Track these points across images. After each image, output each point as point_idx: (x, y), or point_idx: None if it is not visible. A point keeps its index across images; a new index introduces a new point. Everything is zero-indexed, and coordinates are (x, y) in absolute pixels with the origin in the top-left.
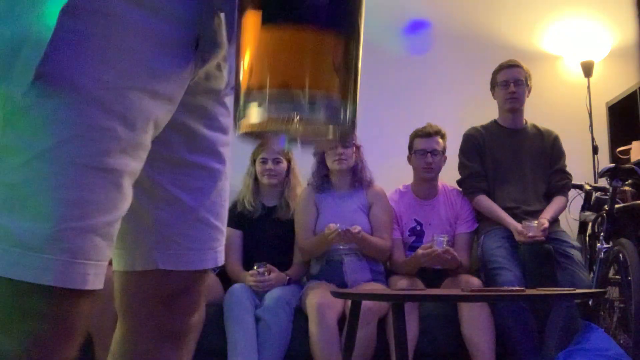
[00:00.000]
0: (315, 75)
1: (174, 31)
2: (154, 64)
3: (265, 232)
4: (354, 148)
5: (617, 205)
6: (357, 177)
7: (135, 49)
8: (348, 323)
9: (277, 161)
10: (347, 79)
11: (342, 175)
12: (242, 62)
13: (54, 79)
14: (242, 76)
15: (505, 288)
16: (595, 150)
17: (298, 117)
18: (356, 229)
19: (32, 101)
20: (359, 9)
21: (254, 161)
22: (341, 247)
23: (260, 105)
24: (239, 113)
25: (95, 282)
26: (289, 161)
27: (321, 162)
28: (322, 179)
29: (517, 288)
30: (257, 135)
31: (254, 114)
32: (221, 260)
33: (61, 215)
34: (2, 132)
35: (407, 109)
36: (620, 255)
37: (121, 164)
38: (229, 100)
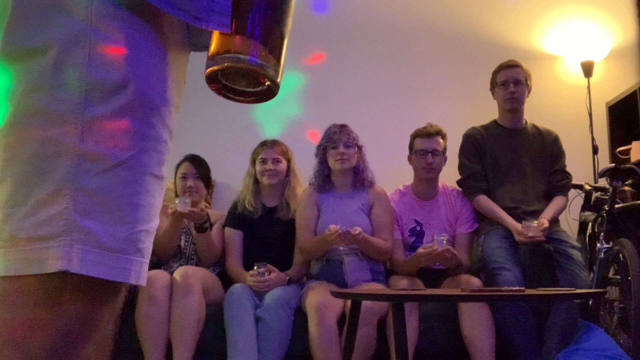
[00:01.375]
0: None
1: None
2: (180, 81)
3: (265, 232)
4: (356, 148)
5: (617, 205)
6: (359, 178)
7: (175, 69)
8: (348, 323)
9: (276, 161)
10: (266, 44)
11: (344, 175)
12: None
13: (133, 94)
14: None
15: (505, 288)
16: (595, 150)
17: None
18: (356, 230)
19: (112, 112)
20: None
21: (253, 161)
22: (341, 248)
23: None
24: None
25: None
26: (288, 161)
27: (323, 162)
28: (324, 179)
29: (517, 288)
30: (212, 78)
31: (211, 65)
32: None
33: (136, 219)
34: (81, 139)
35: (407, 109)
36: (620, 255)
37: (165, 172)
38: None
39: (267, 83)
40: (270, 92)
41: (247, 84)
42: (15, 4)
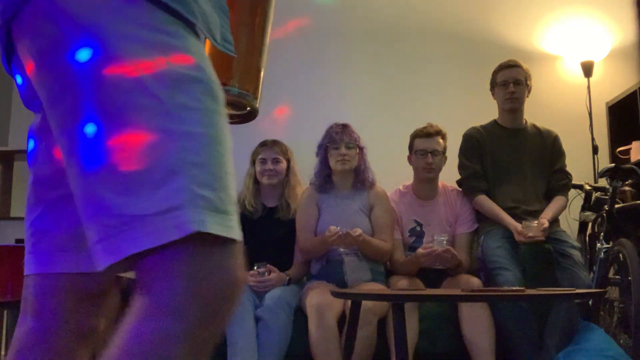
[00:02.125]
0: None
1: None
2: None
3: (265, 232)
4: (358, 149)
5: (617, 205)
6: (360, 179)
7: None
8: (348, 323)
9: (276, 161)
10: (246, 78)
11: (345, 176)
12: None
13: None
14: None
15: (505, 288)
16: (595, 150)
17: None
18: (357, 232)
19: (202, 99)
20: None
21: (253, 162)
22: (341, 249)
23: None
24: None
25: None
26: (288, 161)
27: (324, 162)
28: (325, 178)
29: (517, 288)
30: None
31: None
32: None
33: (231, 185)
34: (181, 120)
35: (407, 109)
36: (620, 255)
37: None
38: None
39: (248, 108)
40: (251, 116)
41: (232, 108)
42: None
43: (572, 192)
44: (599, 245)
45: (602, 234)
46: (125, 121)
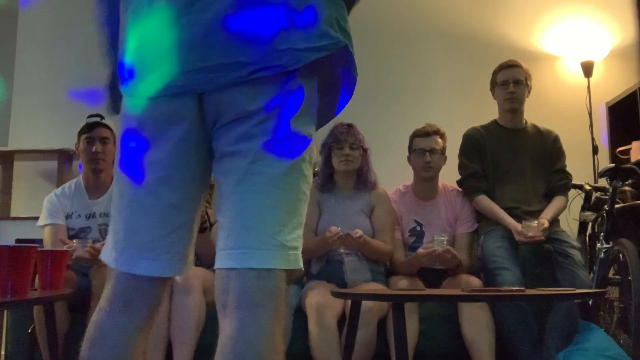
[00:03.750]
0: None
1: None
2: None
3: None
4: (362, 150)
5: (617, 205)
6: (362, 180)
7: None
8: (348, 323)
9: None
10: None
11: (347, 176)
12: None
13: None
14: None
15: (505, 288)
16: (595, 150)
17: None
18: (357, 233)
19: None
20: None
21: None
22: (341, 250)
23: None
24: None
25: None
26: None
27: (327, 161)
28: (327, 178)
29: (517, 288)
30: None
31: None
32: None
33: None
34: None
35: (407, 109)
36: (620, 255)
37: None
38: None
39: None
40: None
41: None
42: None
43: (572, 192)
44: (599, 245)
45: (602, 234)
46: None
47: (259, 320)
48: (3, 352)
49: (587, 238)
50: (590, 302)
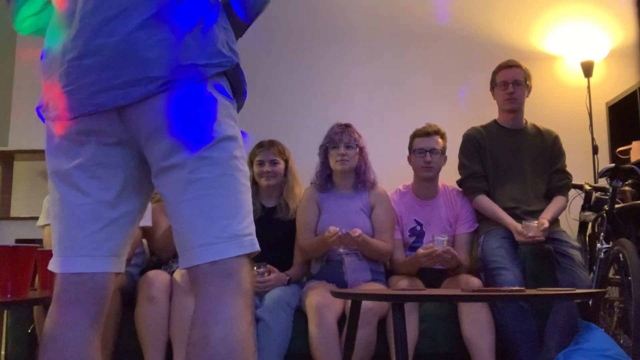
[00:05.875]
0: None
1: None
2: None
3: (265, 233)
4: (357, 149)
5: (617, 205)
6: (361, 179)
7: None
8: (348, 323)
9: (274, 162)
10: None
11: (345, 175)
12: None
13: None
14: None
15: (505, 288)
16: (595, 150)
17: None
18: (356, 232)
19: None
20: None
21: (251, 163)
22: (340, 250)
23: None
24: None
25: None
26: (286, 161)
27: (324, 162)
28: (325, 178)
29: (517, 288)
30: None
31: None
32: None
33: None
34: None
35: (407, 109)
36: (620, 255)
37: None
38: None
39: None
40: None
41: None
42: None
43: (572, 192)
44: (599, 245)
45: (602, 234)
46: None
47: (226, 304)
48: (3, 352)
49: (587, 238)
50: (590, 302)
